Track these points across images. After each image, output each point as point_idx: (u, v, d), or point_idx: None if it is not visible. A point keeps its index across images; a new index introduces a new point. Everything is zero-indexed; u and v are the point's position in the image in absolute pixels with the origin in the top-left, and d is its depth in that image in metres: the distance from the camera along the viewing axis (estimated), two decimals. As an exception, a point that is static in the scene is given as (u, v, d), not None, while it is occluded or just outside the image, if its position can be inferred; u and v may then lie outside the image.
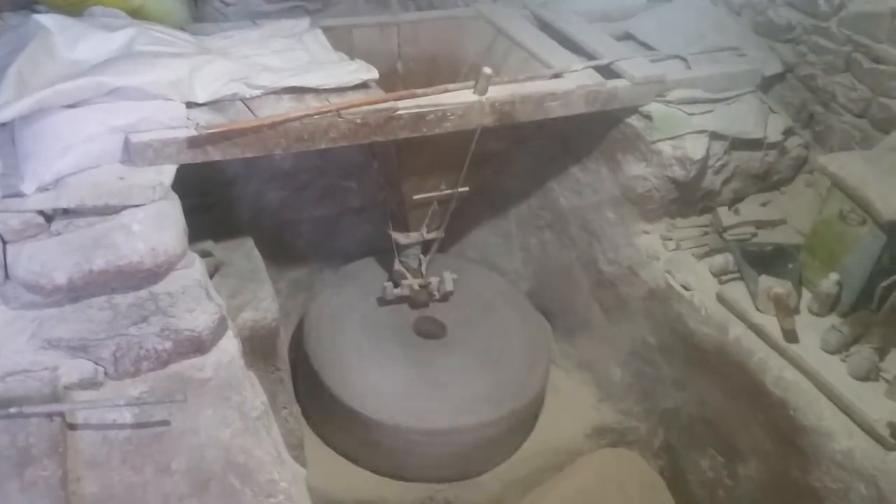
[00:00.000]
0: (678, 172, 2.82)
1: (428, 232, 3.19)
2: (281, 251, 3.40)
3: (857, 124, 2.99)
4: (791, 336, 2.54)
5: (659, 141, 2.80)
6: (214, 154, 2.18)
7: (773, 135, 2.99)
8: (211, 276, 2.43)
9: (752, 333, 2.65)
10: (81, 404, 1.81)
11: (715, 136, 2.85)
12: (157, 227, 2.01)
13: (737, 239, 2.93)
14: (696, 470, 3.03)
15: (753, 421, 2.69)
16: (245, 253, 2.78)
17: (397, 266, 3.27)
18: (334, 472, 3.01)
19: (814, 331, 2.57)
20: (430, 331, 3.28)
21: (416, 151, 2.77)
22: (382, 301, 3.30)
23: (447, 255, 3.68)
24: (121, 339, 1.91)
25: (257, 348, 2.56)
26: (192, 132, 2.12)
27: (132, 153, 2.10)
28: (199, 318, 1.98)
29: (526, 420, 3.21)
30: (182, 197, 2.16)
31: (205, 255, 2.52)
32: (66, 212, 2.01)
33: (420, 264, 3.28)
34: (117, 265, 1.93)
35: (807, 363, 2.48)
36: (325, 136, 2.30)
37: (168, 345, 1.94)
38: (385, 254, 3.36)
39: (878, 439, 2.29)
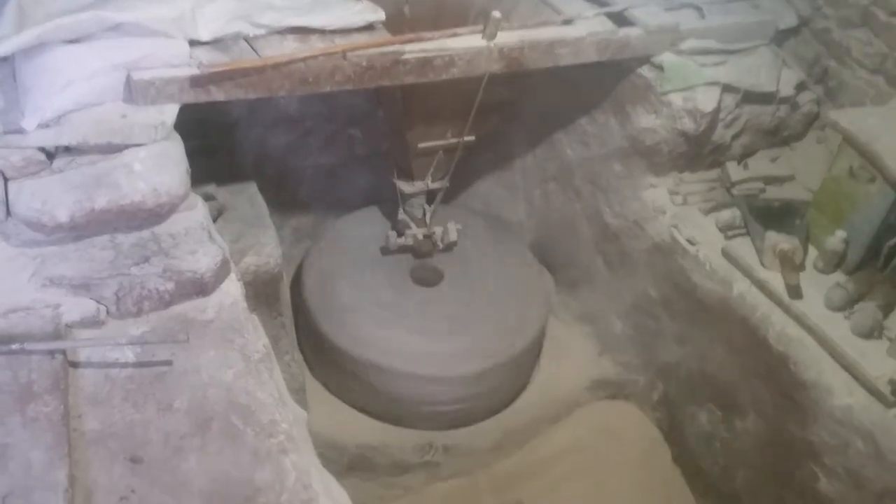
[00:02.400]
0: (688, 125, 2.78)
1: (433, 181, 3.16)
2: (284, 198, 3.38)
3: (872, 80, 2.94)
4: (795, 292, 2.53)
5: (670, 92, 2.75)
6: (217, 94, 2.15)
7: (786, 89, 2.94)
8: (214, 220, 2.42)
9: (755, 289, 2.64)
10: (83, 342, 1.81)
11: (727, 88, 2.80)
12: (158, 167, 1.99)
13: (745, 194, 2.90)
14: (693, 423, 3.05)
15: (753, 376, 2.69)
16: (248, 198, 2.76)
17: (401, 215, 3.25)
18: (336, 418, 3.04)
19: (818, 288, 2.56)
20: (430, 278, 3.28)
21: (421, 98, 2.73)
22: (385, 250, 3.28)
23: (451, 205, 3.66)
24: (123, 278, 1.90)
25: (260, 293, 2.56)
26: (195, 71, 2.08)
27: (134, 91, 2.06)
28: (202, 259, 1.97)
29: (524, 367, 3.22)
30: (185, 139, 2.14)
31: (208, 198, 2.51)
32: (67, 149, 1.99)
33: (424, 214, 3.26)
34: (119, 204, 1.92)
35: (810, 319, 2.48)
36: (330, 79, 2.26)
37: (170, 285, 1.93)
38: (389, 203, 3.34)
39: (878, 396, 2.30)
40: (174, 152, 2.05)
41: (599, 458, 3.19)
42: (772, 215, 2.74)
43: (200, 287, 1.97)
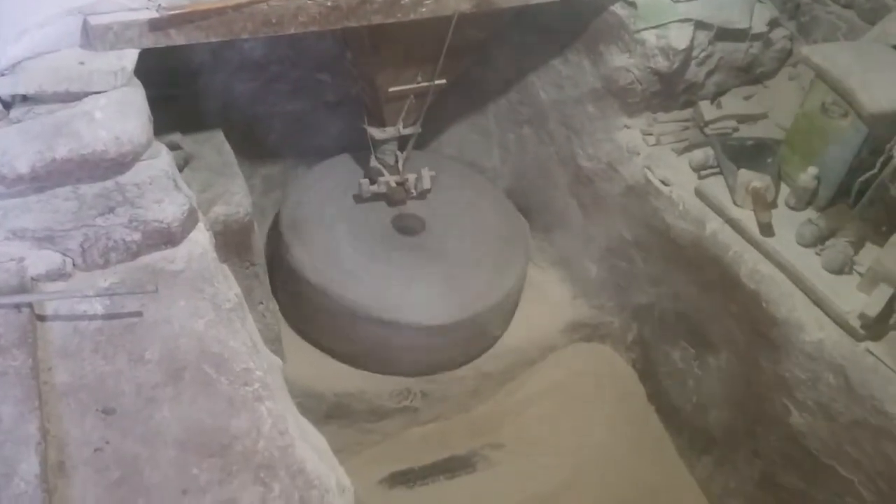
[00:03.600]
0: (661, 63, 2.75)
1: (404, 127, 3.11)
2: (253, 147, 3.31)
3: (844, 15, 2.92)
4: (767, 230, 2.55)
5: (643, 30, 2.72)
6: (178, 38, 2.08)
7: (759, 25, 2.91)
8: (180, 170, 2.37)
9: (728, 228, 2.65)
10: (50, 295, 1.77)
11: (700, 25, 2.77)
12: (120, 114, 1.92)
13: (718, 133, 2.89)
14: (666, 362, 3.09)
15: (726, 314, 2.72)
16: (215, 146, 2.70)
17: (373, 163, 3.20)
18: (313, 366, 3.03)
19: (790, 225, 2.57)
20: (409, 226, 3.26)
21: (390, 40, 2.67)
22: (358, 198, 3.25)
23: (424, 151, 3.62)
24: (88, 229, 1.86)
25: (231, 243, 2.53)
26: (154, 14, 2.01)
27: (91, 36, 1.99)
28: (168, 209, 1.93)
29: (503, 314, 3.23)
30: (147, 87, 2.07)
31: (173, 147, 2.44)
32: (25, 98, 1.92)
33: (397, 161, 3.22)
34: (81, 154, 1.85)
35: (781, 256, 2.50)
36: (294, 21, 2.19)
37: (137, 236, 1.89)
38: (361, 150, 3.29)
39: (848, 331, 2.33)
40: (135, 99, 1.99)
41: (575, 399, 3.23)
42: (744, 154, 2.74)
43: (168, 237, 1.93)
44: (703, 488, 3.02)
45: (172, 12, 2.01)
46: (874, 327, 2.28)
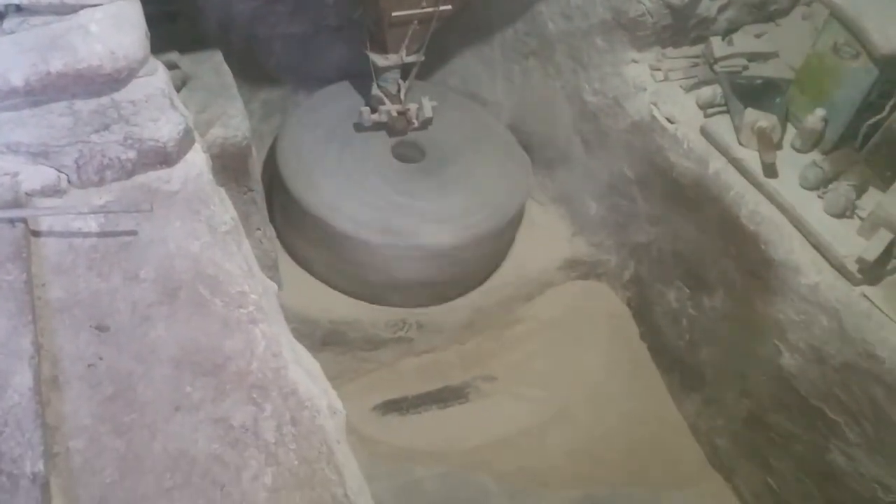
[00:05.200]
0: (674, -5, 2.69)
1: (407, 55, 3.05)
2: (252, 70, 3.25)
3: (864, -48, 2.83)
4: (771, 171, 2.52)
5: (656, -40, 2.64)
6: (176, -49, 2.01)
7: (775, -41, 2.83)
8: (178, 90, 2.32)
9: (731, 168, 2.63)
10: (44, 210, 1.76)
11: (715, -44, 2.70)
12: (116, 28, 1.87)
13: (727, 71, 2.84)
14: (661, 301, 3.10)
15: (724, 254, 2.72)
16: (213, 67, 2.64)
17: (375, 91, 3.15)
18: (309, 293, 3.05)
19: (794, 167, 2.55)
20: (409, 155, 3.22)
21: (395, -39, 2.60)
22: (359, 126, 3.21)
23: (427, 82, 3.56)
24: (83, 146, 1.83)
25: (228, 167, 2.50)
26: (151, -77, 1.94)
27: (86, -55, 1.92)
28: (164, 128, 1.89)
29: (500, 246, 3.22)
30: (144, 3, 2.01)
31: (171, 67, 2.40)
32: (18, 9, 1.86)
33: (399, 90, 3.17)
34: (76, 68, 1.81)
35: (783, 198, 2.48)
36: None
37: (132, 154, 1.86)
38: (363, 78, 3.23)
39: (845, 275, 2.33)
40: (131, 13, 1.93)
41: (569, 335, 3.26)
42: (753, 93, 2.70)
43: (164, 156, 1.90)
44: (691, 425, 3.07)
45: (170, -77, 1.94)
46: (871, 272, 2.28)
